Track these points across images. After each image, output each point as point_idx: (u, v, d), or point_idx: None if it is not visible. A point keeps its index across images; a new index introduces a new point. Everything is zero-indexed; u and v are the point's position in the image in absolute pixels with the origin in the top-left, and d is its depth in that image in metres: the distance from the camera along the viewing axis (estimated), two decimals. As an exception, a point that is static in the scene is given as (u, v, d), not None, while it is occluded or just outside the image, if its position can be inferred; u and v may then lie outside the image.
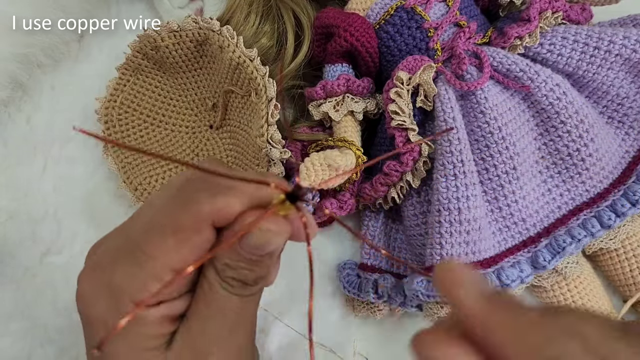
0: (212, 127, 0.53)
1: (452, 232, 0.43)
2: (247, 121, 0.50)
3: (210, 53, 0.50)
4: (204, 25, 0.48)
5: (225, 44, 0.47)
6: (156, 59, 0.51)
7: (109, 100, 0.52)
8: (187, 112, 0.54)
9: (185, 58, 0.51)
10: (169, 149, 0.54)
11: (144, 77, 0.52)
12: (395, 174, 0.46)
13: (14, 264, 0.55)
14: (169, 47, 0.49)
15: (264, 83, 0.47)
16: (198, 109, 0.54)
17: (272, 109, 0.47)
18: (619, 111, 0.48)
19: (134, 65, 0.51)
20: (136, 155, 0.53)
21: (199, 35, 0.49)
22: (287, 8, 0.52)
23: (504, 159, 0.45)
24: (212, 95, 0.53)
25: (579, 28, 0.46)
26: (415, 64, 0.45)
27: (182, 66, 0.52)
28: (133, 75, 0.52)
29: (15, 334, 0.54)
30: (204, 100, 0.53)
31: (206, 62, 0.51)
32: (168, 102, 0.54)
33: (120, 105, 0.52)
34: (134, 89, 0.52)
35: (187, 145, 0.54)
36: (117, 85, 0.52)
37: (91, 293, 0.29)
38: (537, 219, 0.47)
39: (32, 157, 0.56)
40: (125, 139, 0.52)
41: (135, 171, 0.52)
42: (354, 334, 0.52)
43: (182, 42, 0.49)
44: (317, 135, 0.50)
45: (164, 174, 0.53)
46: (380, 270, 0.52)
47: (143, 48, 0.50)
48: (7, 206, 0.55)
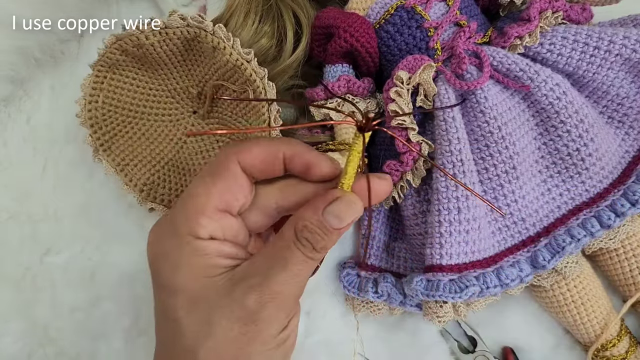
0: (195, 113, 0.52)
1: (452, 232, 0.43)
2: (242, 113, 0.49)
3: (198, 49, 0.48)
4: (193, 23, 0.46)
5: (220, 45, 0.46)
6: (136, 54, 0.49)
7: (89, 101, 0.49)
8: (168, 100, 0.52)
9: (170, 53, 0.49)
10: (157, 140, 0.52)
11: (120, 72, 0.50)
12: (395, 174, 0.46)
13: (14, 264, 0.55)
14: (154, 44, 0.47)
15: (264, 85, 0.46)
16: (180, 97, 0.52)
17: (275, 114, 0.46)
18: (619, 111, 0.48)
19: (110, 62, 0.49)
20: (131, 155, 0.51)
21: (187, 33, 0.46)
22: (287, 7, 0.52)
23: (503, 158, 0.45)
24: (196, 84, 0.51)
25: (579, 28, 0.46)
26: (415, 63, 0.45)
27: (165, 60, 0.49)
28: (109, 71, 0.50)
29: (15, 334, 0.54)
30: (186, 89, 0.51)
31: (191, 56, 0.49)
32: (147, 92, 0.52)
33: (102, 105, 0.50)
34: (112, 84, 0.50)
35: (173, 133, 0.52)
36: (94, 84, 0.49)
37: (155, 239, 0.36)
38: (536, 219, 0.47)
39: (32, 157, 0.56)
40: (113, 138, 0.51)
41: (136, 171, 0.51)
42: (354, 334, 0.52)
43: (168, 39, 0.47)
44: (317, 137, 0.50)
45: (163, 169, 0.52)
46: (380, 269, 0.52)
47: (123, 45, 0.47)
48: (7, 206, 0.55)
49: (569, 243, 0.45)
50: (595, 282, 0.49)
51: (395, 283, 0.50)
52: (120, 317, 0.54)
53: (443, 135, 0.44)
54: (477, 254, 0.45)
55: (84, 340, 0.54)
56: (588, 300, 0.48)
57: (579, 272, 0.47)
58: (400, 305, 0.49)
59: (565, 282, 0.47)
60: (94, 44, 0.57)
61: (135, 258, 0.54)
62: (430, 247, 0.45)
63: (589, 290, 0.48)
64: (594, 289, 0.48)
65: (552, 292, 0.48)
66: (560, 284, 0.47)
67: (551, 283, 0.47)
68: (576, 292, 0.47)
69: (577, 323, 0.48)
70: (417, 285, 0.44)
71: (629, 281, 0.49)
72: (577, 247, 0.45)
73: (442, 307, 0.45)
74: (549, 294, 0.48)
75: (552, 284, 0.48)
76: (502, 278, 0.45)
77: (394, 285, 0.49)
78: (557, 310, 0.49)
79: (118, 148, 0.51)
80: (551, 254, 0.45)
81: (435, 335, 0.53)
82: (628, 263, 0.48)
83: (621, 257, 0.48)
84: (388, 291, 0.49)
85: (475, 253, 0.44)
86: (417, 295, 0.44)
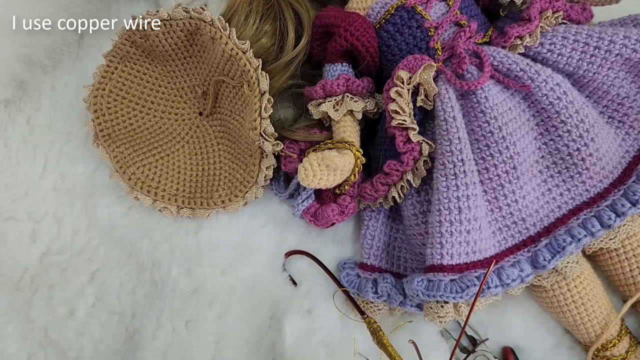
0: (201, 114, 0.53)
1: (453, 232, 0.43)
2: (239, 111, 0.50)
3: (200, 42, 0.50)
4: (195, 15, 0.47)
5: (217, 35, 0.47)
6: (145, 47, 0.50)
7: (97, 88, 0.51)
8: (176, 99, 0.53)
9: (175, 47, 0.50)
10: (159, 136, 0.53)
11: (132, 65, 0.52)
12: (395, 174, 0.46)
13: (14, 263, 0.55)
14: (158, 35, 0.49)
15: (257, 76, 0.47)
16: (187, 96, 0.53)
17: (266, 103, 0.47)
18: (619, 111, 0.48)
19: (122, 53, 0.51)
20: (127, 145, 0.52)
21: (189, 25, 0.48)
22: (288, 6, 0.52)
23: (504, 158, 0.45)
24: (201, 83, 0.52)
25: (579, 28, 0.46)
26: (416, 63, 0.45)
27: (172, 54, 0.51)
28: (121, 63, 0.51)
29: (14, 335, 0.54)
30: (193, 88, 0.53)
31: (196, 51, 0.51)
32: (157, 89, 0.53)
33: (109, 94, 0.51)
34: (122, 76, 0.52)
35: (177, 132, 0.53)
36: (104, 72, 0.51)
37: None
38: (537, 219, 0.47)
39: (32, 157, 0.56)
40: (115, 127, 0.52)
41: (128, 161, 0.52)
42: (354, 334, 0.52)
43: (172, 31, 0.49)
44: (314, 135, 0.50)
45: (156, 162, 0.53)
46: (379, 269, 0.52)
47: (132, 36, 0.49)
48: (7, 206, 0.55)
49: (569, 243, 0.45)
50: (595, 282, 0.49)
51: (395, 283, 0.49)
52: (121, 318, 0.54)
53: (444, 135, 0.44)
54: (478, 253, 0.45)
55: (84, 342, 0.54)
56: (588, 300, 0.48)
57: (579, 272, 0.47)
58: (400, 306, 0.49)
59: (566, 282, 0.47)
60: (94, 44, 0.57)
61: (136, 257, 0.55)
62: (430, 247, 0.44)
63: (589, 290, 0.48)
64: (594, 289, 0.48)
65: (553, 292, 0.48)
66: (561, 284, 0.47)
67: (551, 283, 0.47)
68: (576, 292, 0.47)
69: (577, 323, 0.48)
70: (418, 285, 0.44)
71: (629, 281, 0.49)
72: (578, 247, 0.45)
73: (443, 307, 0.45)
74: (549, 294, 0.48)
75: (552, 284, 0.48)
76: (503, 278, 0.45)
77: (393, 286, 0.49)
78: (557, 310, 0.49)
79: (117, 137, 0.52)
80: (551, 254, 0.45)
81: (435, 335, 0.53)
82: (628, 263, 0.48)
83: (621, 257, 0.48)
84: (388, 291, 0.49)
85: (476, 253, 0.44)
86: (417, 296, 0.44)
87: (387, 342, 0.46)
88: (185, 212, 0.52)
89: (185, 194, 0.52)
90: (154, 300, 0.54)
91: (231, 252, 0.54)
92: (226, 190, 0.52)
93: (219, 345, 0.53)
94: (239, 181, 0.51)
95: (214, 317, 0.53)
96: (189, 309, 0.53)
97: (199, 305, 0.53)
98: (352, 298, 0.51)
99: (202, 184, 0.53)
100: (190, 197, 0.52)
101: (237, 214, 0.54)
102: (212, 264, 0.54)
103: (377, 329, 0.47)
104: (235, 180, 0.52)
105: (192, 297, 0.53)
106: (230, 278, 0.53)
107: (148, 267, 0.54)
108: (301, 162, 0.43)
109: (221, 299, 0.53)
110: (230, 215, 0.54)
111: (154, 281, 0.54)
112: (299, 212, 0.49)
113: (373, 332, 0.47)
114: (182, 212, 0.52)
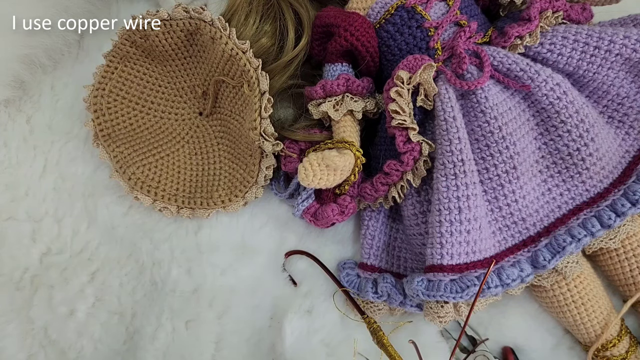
0: (201, 114, 0.53)
1: (453, 232, 0.43)
2: (239, 111, 0.50)
3: (200, 42, 0.50)
4: (195, 15, 0.47)
5: (217, 35, 0.47)
6: (145, 47, 0.50)
7: (97, 88, 0.51)
8: (176, 99, 0.53)
9: (175, 47, 0.50)
10: (159, 136, 0.53)
11: (132, 65, 0.52)
12: (395, 174, 0.46)
13: (14, 263, 0.55)
14: (158, 35, 0.49)
15: (257, 76, 0.47)
16: (187, 96, 0.53)
17: (266, 103, 0.47)
18: (619, 111, 0.48)
19: (122, 53, 0.51)
20: (127, 144, 0.52)
21: (189, 25, 0.48)
22: (288, 5, 0.52)
23: (504, 158, 0.45)
24: (201, 83, 0.52)
25: (579, 28, 0.46)
26: (416, 63, 0.45)
27: (172, 54, 0.51)
28: (121, 63, 0.51)
29: (14, 335, 0.54)
30: (193, 88, 0.53)
31: (196, 51, 0.51)
32: (157, 89, 0.53)
33: (109, 94, 0.51)
34: (122, 76, 0.52)
35: (177, 132, 0.53)
36: (104, 72, 0.51)
37: None
38: (537, 219, 0.47)
39: (32, 157, 0.56)
40: (115, 127, 0.52)
41: (128, 160, 0.52)
42: (354, 334, 0.52)
43: (172, 31, 0.49)
44: (314, 135, 0.50)
45: (156, 162, 0.53)
46: (379, 269, 0.52)
47: (132, 36, 0.49)
48: (7, 206, 0.55)
49: (569, 243, 0.45)
50: (595, 282, 0.49)
51: (395, 283, 0.49)
52: (121, 318, 0.54)
53: (444, 135, 0.44)
54: (478, 253, 0.45)
55: (84, 342, 0.54)
56: (588, 300, 0.48)
57: (579, 272, 0.47)
58: (400, 306, 0.49)
59: (566, 282, 0.47)
60: (94, 44, 0.57)
61: (136, 257, 0.55)
62: (430, 247, 0.44)
63: (589, 290, 0.48)
64: (594, 289, 0.48)
65: (553, 292, 0.48)
66: (561, 284, 0.47)
67: (551, 283, 0.47)
68: (576, 292, 0.47)
69: (577, 323, 0.48)
70: (418, 285, 0.44)
71: (629, 281, 0.49)
72: (578, 247, 0.45)
73: (443, 307, 0.45)
74: (549, 294, 0.48)
75: (552, 284, 0.48)
76: (503, 278, 0.45)
77: (393, 286, 0.49)
78: (557, 310, 0.49)
79: (117, 137, 0.52)
80: (552, 254, 0.45)
81: (435, 335, 0.53)
82: (628, 263, 0.48)
83: (621, 257, 0.48)
84: (388, 291, 0.49)
85: (476, 253, 0.44)
86: (417, 296, 0.44)
87: (387, 342, 0.46)
88: (185, 212, 0.52)
89: (185, 194, 0.52)
90: (154, 300, 0.54)
91: (231, 252, 0.54)
92: (226, 190, 0.52)
93: (219, 345, 0.53)
94: (239, 181, 0.51)
95: (214, 317, 0.53)
96: (189, 309, 0.53)
97: (199, 305, 0.53)
98: (352, 298, 0.51)
99: (202, 184, 0.53)
100: (190, 197, 0.52)
101: (237, 214, 0.54)
102: (212, 264, 0.54)
103: (377, 329, 0.47)
104: (235, 180, 0.52)
105: (192, 297, 0.53)
106: (230, 278, 0.54)
107: (148, 267, 0.54)
108: (301, 162, 0.43)
109: (221, 299, 0.53)
110: (230, 215, 0.54)
111: (154, 281, 0.54)
112: (299, 212, 0.49)
113: (373, 332, 0.47)
114: (182, 212, 0.52)
